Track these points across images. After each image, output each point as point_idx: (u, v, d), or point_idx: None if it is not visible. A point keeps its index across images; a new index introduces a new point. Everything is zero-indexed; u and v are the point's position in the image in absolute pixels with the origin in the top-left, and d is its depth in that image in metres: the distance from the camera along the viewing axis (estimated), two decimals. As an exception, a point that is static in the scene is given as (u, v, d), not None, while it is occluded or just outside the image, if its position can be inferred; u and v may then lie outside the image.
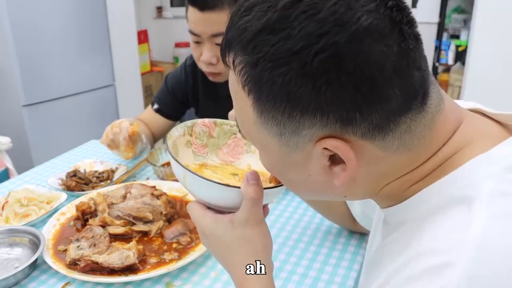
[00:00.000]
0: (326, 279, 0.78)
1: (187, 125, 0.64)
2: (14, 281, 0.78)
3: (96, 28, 2.74)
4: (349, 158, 0.41)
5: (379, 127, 0.40)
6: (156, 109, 1.40)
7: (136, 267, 0.78)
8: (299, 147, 0.43)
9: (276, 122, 0.42)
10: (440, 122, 0.43)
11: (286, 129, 0.42)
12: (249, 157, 0.65)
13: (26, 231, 0.88)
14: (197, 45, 1.15)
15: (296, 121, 0.41)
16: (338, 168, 0.43)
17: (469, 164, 0.41)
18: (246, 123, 0.46)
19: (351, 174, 0.42)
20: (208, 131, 0.66)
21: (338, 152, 0.41)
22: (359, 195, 0.50)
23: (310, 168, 0.45)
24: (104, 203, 0.93)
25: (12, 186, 1.16)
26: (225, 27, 0.46)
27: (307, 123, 0.40)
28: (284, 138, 0.43)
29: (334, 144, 0.40)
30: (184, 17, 1.17)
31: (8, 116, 2.48)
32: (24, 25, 2.32)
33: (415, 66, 0.40)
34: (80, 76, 2.69)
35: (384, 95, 0.38)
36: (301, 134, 0.41)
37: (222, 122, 0.67)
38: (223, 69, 1.16)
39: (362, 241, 0.88)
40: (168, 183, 1.09)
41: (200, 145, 0.65)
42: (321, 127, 0.40)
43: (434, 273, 0.36)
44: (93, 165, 1.23)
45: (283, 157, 0.45)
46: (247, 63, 0.41)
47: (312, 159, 0.43)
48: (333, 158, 0.43)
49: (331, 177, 0.44)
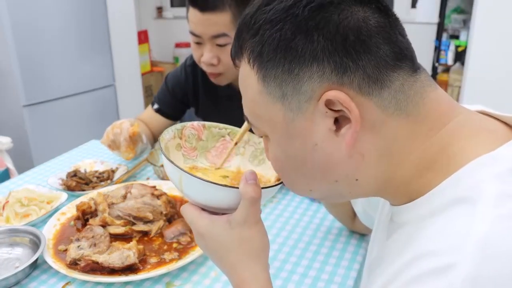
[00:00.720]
0: (326, 279, 0.78)
1: (177, 128, 0.65)
2: (14, 281, 0.78)
3: (96, 28, 2.74)
4: (351, 108, 0.42)
5: (373, 78, 0.42)
6: (156, 109, 1.40)
7: (136, 267, 0.79)
8: (302, 109, 0.44)
9: (277, 82, 0.44)
10: (433, 98, 0.45)
11: (287, 88, 0.44)
12: (239, 159, 0.65)
13: (26, 231, 0.88)
14: (197, 46, 1.15)
15: (295, 75, 0.43)
16: (344, 129, 0.44)
17: (473, 164, 0.41)
18: (251, 101, 0.48)
19: (357, 132, 0.43)
20: (197, 134, 0.66)
21: (340, 101, 0.42)
22: (372, 180, 0.48)
23: (316, 135, 0.45)
24: (104, 203, 0.93)
25: (12, 186, 1.16)
26: (226, 28, 0.50)
27: (305, 76, 0.43)
28: (286, 101, 0.45)
29: (334, 94, 0.42)
30: (185, 17, 1.17)
31: (8, 116, 2.48)
32: (24, 25, 2.32)
33: (397, 30, 0.45)
34: (80, 76, 2.69)
35: (371, 45, 0.42)
36: (301, 91, 0.44)
37: (211, 125, 0.67)
38: (224, 69, 1.16)
39: (362, 241, 0.88)
40: (168, 183, 1.09)
41: (189, 148, 0.65)
42: (318, 78, 0.43)
43: (436, 275, 0.36)
44: (94, 165, 1.23)
45: (288, 126, 0.46)
46: (251, 39, 0.46)
47: (317, 123, 0.44)
48: (337, 123, 0.44)
49: (337, 143, 0.45)
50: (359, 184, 0.48)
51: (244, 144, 0.66)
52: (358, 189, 0.49)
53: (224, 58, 1.13)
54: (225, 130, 0.67)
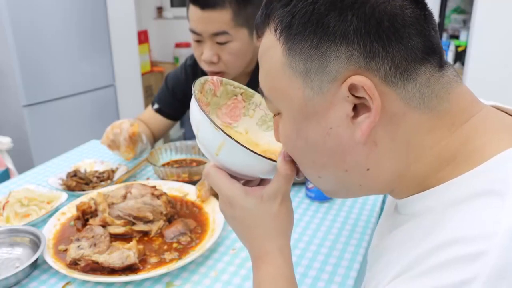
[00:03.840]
0: (326, 279, 0.78)
1: (201, 82, 0.62)
2: (14, 281, 0.78)
3: (96, 28, 2.74)
4: (374, 97, 0.41)
5: (400, 69, 0.41)
6: (156, 109, 1.40)
7: (136, 266, 0.79)
8: (323, 89, 0.43)
9: (303, 56, 0.43)
10: (458, 93, 0.44)
11: (312, 64, 0.43)
12: (246, 121, 0.65)
13: (26, 231, 0.88)
14: (198, 44, 1.15)
15: (323, 53, 0.42)
16: (361, 117, 0.43)
17: (499, 158, 0.41)
18: (271, 73, 0.47)
19: (375, 122, 0.42)
20: (213, 89, 0.64)
21: (364, 87, 0.41)
22: (384, 172, 0.46)
23: (332, 118, 0.44)
24: (104, 203, 0.93)
25: (12, 186, 1.16)
26: (226, 26, 0.50)
27: (333, 55, 0.41)
28: (308, 78, 0.43)
29: (360, 79, 0.41)
30: (185, 18, 1.17)
31: (8, 116, 2.48)
32: (24, 25, 2.32)
33: (431, 24, 0.43)
34: (80, 76, 2.69)
35: (404, 34, 0.41)
36: (326, 71, 0.42)
37: (227, 82, 0.66)
38: (225, 68, 1.16)
39: (362, 241, 0.88)
40: (168, 183, 1.09)
41: (204, 102, 0.63)
42: (346, 60, 0.41)
43: (465, 261, 0.36)
44: (94, 165, 1.23)
45: (306, 104, 0.45)
46: (281, 8, 0.45)
47: (335, 107, 0.43)
48: (355, 109, 0.43)
49: (352, 130, 0.44)
50: (370, 175, 0.47)
51: (255, 107, 0.66)
52: (369, 181, 0.48)
53: (224, 56, 1.14)
54: (239, 90, 0.66)
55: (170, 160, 1.27)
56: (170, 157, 1.28)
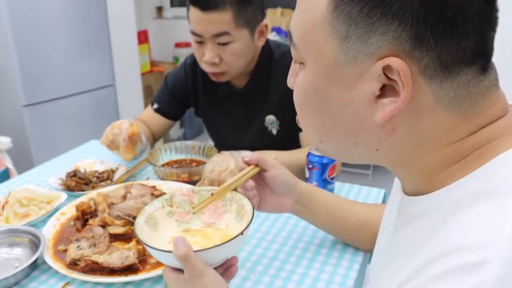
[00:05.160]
0: (326, 279, 0.78)
1: (165, 198, 0.72)
2: (14, 281, 0.78)
3: (96, 28, 2.74)
4: (407, 85, 0.39)
5: (443, 65, 0.39)
6: (156, 109, 1.40)
7: (136, 267, 0.78)
8: (357, 60, 0.41)
9: (348, 19, 0.40)
10: (493, 98, 0.43)
11: (355, 31, 0.40)
12: (228, 216, 0.71)
13: (26, 231, 0.88)
14: (199, 45, 1.15)
15: (371, 23, 0.39)
16: (386, 100, 0.41)
17: (501, 157, 0.39)
18: (308, 23, 0.43)
19: (399, 110, 0.40)
20: (188, 199, 0.72)
21: (401, 73, 0.39)
22: (393, 155, 0.45)
23: (357, 91, 0.42)
24: (104, 203, 0.93)
25: (12, 186, 1.16)
26: (227, 26, 0.48)
27: (381, 29, 0.38)
28: (346, 43, 0.41)
29: (399, 63, 0.38)
30: (185, 17, 1.17)
31: (8, 116, 2.48)
32: (24, 25, 2.32)
33: (492, 24, 0.41)
34: (80, 76, 2.69)
35: (462, 32, 0.38)
36: (367, 42, 0.39)
37: (199, 189, 0.73)
38: (226, 68, 1.16)
39: (362, 241, 0.88)
40: (168, 183, 1.09)
41: (183, 212, 0.72)
42: (392, 39, 0.38)
43: (467, 271, 0.34)
44: (93, 165, 1.23)
45: (334, 68, 0.42)
46: None
47: (364, 81, 0.41)
48: (382, 90, 0.41)
49: (373, 110, 0.42)
50: (376, 154, 0.46)
51: (230, 202, 0.71)
52: (373, 157, 0.47)
53: (225, 57, 1.14)
54: (212, 191, 0.72)
55: (170, 160, 1.27)
56: (169, 157, 1.28)
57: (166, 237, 0.69)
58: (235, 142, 1.34)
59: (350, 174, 3.03)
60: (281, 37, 3.34)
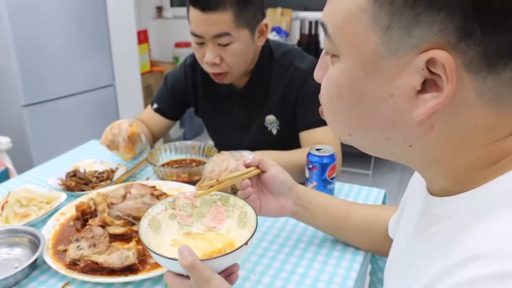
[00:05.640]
0: (326, 279, 0.78)
1: (168, 201, 0.73)
2: (14, 281, 0.78)
3: (96, 28, 2.74)
4: (452, 79, 0.37)
5: (488, 59, 0.37)
6: (156, 109, 1.40)
7: (136, 267, 0.78)
8: (399, 52, 0.39)
9: (392, 10, 0.38)
10: None
11: (398, 22, 0.38)
12: (229, 222, 0.72)
13: (26, 231, 0.88)
14: (199, 46, 1.15)
15: (416, 14, 0.36)
16: (428, 95, 0.39)
17: None
18: (346, 13, 0.41)
19: (442, 105, 0.38)
20: (190, 202, 0.74)
21: (446, 66, 0.36)
22: (426, 155, 0.43)
23: (397, 85, 0.40)
24: (104, 203, 0.93)
25: (12, 186, 1.16)
26: (227, 27, 0.47)
27: (425, 20, 0.36)
28: (388, 35, 0.38)
29: (444, 56, 0.36)
30: (185, 17, 1.16)
31: (8, 116, 2.47)
32: (24, 25, 2.32)
33: None
34: (80, 76, 2.69)
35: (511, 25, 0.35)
36: (411, 34, 0.37)
37: (202, 193, 0.74)
38: (227, 68, 1.16)
39: (362, 241, 0.88)
40: (168, 183, 1.09)
41: (185, 215, 0.73)
42: (437, 31, 0.36)
43: (494, 281, 0.32)
44: (93, 165, 1.23)
45: (374, 61, 0.40)
46: None
47: (405, 74, 0.39)
48: (423, 85, 0.39)
49: (413, 105, 0.40)
50: (410, 151, 0.44)
51: (233, 208, 0.72)
52: (405, 154, 0.45)
53: (227, 57, 1.13)
54: (216, 196, 0.74)
55: (170, 160, 1.27)
56: (169, 157, 1.28)
57: (168, 239, 0.69)
58: (235, 142, 1.33)
59: (350, 174, 3.03)
60: (281, 37, 3.34)
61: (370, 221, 0.81)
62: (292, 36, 3.48)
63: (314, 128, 1.21)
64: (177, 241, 0.70)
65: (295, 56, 1.25)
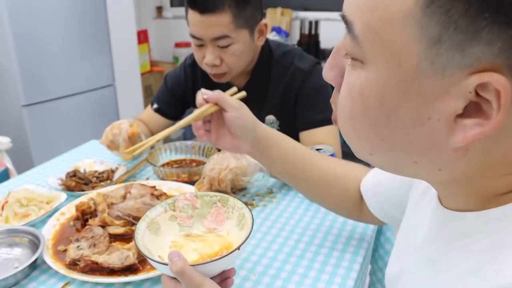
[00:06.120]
0: (326, 279, 0.78)
1: (167, 203, 0.73)
2: (14, 281, 0.78)
3: (96, 28, 2.74)
4: (504, 108, 0.31)
5: None
6: (156, 109, 1.40)
7: (136, 267, 0.78)
8: (446, 71, 0.32)
9: (446, 20, 0.31)
10: None
11: (452, 36, 0.31)
12: (229, 223, 0.72)
13: (25, 231, 0.88)
14: (199, 48, 1.15)
15: (476, 28, 0.30)
16: (471, 121, 0.33)
17: None
18: (386, 15, 0.34)
19: (486, 135, 0.33)
20: (191, 204, 0.73)
21: (503, 93, 0.31)
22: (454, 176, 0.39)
23: (437, 108, 0.34)
24: (104, 203, 0.93)
25: (12, 186, 1.16)
26: (226, 29, 0.44)
27: (486, 38, 0.30)
28: (437, 50, 0.32)
29: (501, 81, 0.30)
30: (184, 17, 1.17)
31: (8, 116, 2.47)
32: (24, 25, 2.32)
33: None
34: (80, 76, 2.69)
35: None
36: (465, 52, 0.31)
37: (202, 194, 0.74)
38: (227, 69, 1.16)
39: (362, 242, 0.88)
40: (168, 183, 1.09)
41: (185, 217, 0.73)
42: (498, 50, 0.30)
43: None
44: (93, 165, 1.22)
45: (413, 77, 0.34)
46: None
47: (448, 97, 0.33)
48: (465, 108, 0.33)
49: (451, 131, 0.34)
50: (437, 174, 0.39)
51: (232, 209, 0.72)
52: (430, 176, 0.41)
53: (226, 58, 1.14)
54: (216, 197, 0.74)
55: (170, 160, 1.27)
56: (169, 157, 1.28)
57: (167, 241, 0.69)
58: (235, 142, 1.33)
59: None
60: (281, 37, 3.34)
61: (332, 178, 0.79)
62: (292, 36, 3.48)
63: (314, 128, 1.21)
64: (176, 243, 0.70)
65: (295, 56, 1.25)
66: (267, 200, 1.05)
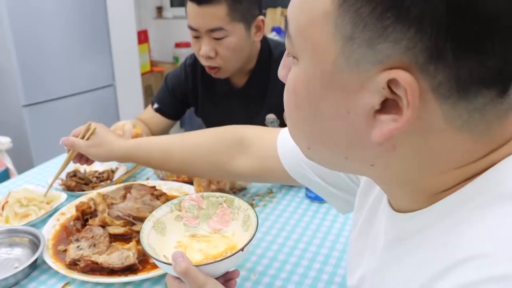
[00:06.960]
0: (326, 279, 0.78)
1: (173, 203, 0.73)
2: (14, 281, 0.78)
3: (96, 28, 2.74)
4: (413, 105, 0.33)
5: (461, 85, 0.33)
6: (156, 109, 1.40)
7: (136, 267, 0.78)
8: (360, 67, 0.34)
9: (357, 19, 0.33)
10: (511, 120, 0.37)
11: (362, 33, 0.33)
12: (235, 224, 0.72)
13: (26, 231, 0.88)
14: (196, 39, 1.17)
15: (383, 27, 0.32)
16: (386, 117, 0.35)
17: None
18: (307, 15, 0.37)
19: (400, 130, 0.35)
20: (197, 204, 0.74)
21: (409, 90, 0.33)
22: (390, 174, 0.40)
23: (355, 102, 0.36)
24: (104, 203, 0.93)
25: (12, 186, 1.16)
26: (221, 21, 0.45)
27: (393, 35, 0.32)
28: (350, 46, 0.34)
29: (407, 79, 0.32)
30: (184, 17, 1.18)
31: (8, 116, 2.48)
32: (24, 25, 2.32)
33: None
34: (80, 76, 2.69)
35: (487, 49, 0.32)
36: (375, 48, 0.33)
37: (208, 195, 0.74)
38: (222, 63, 1.17)
39: (362, 241, 0.88)
40: (168, 183, 1.09)
41: (191, 217, 0.73)
42: (405, 48, 0.32)
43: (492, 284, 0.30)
44: (93, 165, 1.22)
45: (332, 72, 0.36)
46: None
47: (364, 92, 0.35)
48: (383, 104, 0.35)
49: (370, 126, 0.36)
50: (371, 169, 0.40)
51: (237, 210, 0.72)
52: (367, 172, 0.42)
53: (221, 51, 1.15)
54: (221, 198, 0.74)
55: (170, 160, 1.27)
56: (169, 157, 1.27)
57: (173, 241, 0.69)
58: (235, 142, 1.33)
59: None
60: (281, 37, 3.34)
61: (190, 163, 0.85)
62: (292, 36, 3.47)
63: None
64: (181, 243, 0.70)
65: (295, 55, 1.25)
66: (267, 200, 1.05)
